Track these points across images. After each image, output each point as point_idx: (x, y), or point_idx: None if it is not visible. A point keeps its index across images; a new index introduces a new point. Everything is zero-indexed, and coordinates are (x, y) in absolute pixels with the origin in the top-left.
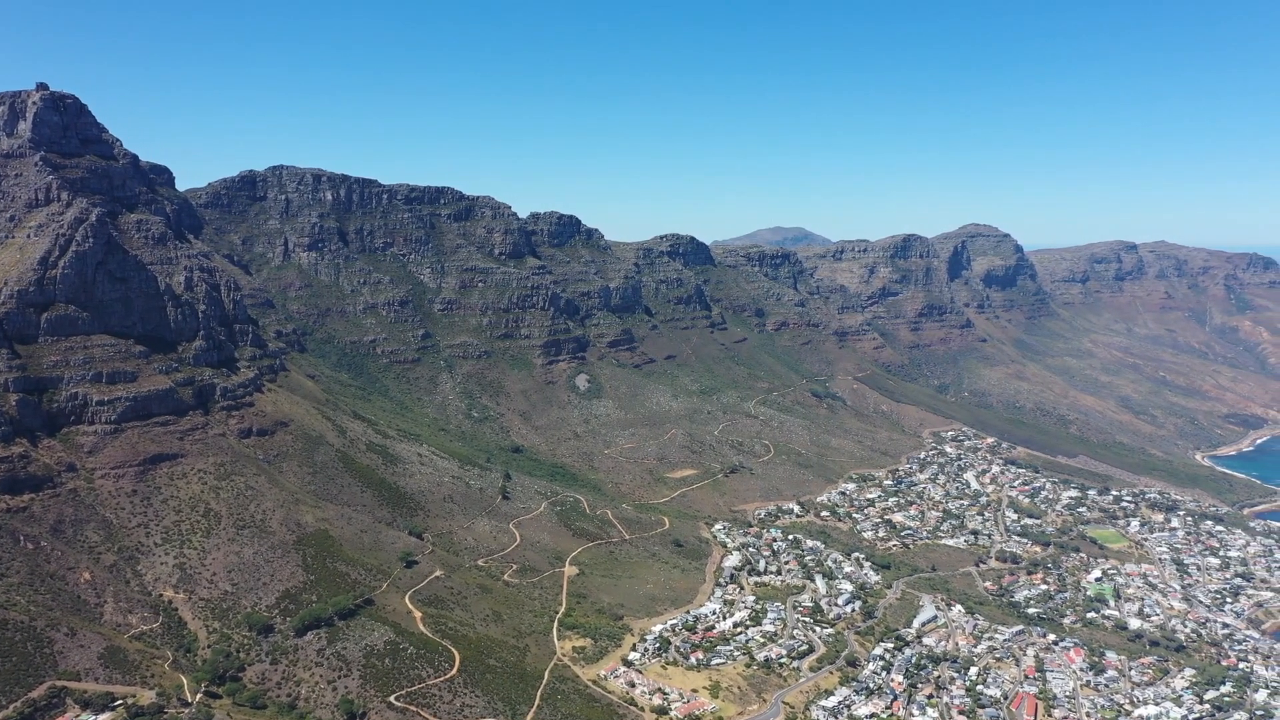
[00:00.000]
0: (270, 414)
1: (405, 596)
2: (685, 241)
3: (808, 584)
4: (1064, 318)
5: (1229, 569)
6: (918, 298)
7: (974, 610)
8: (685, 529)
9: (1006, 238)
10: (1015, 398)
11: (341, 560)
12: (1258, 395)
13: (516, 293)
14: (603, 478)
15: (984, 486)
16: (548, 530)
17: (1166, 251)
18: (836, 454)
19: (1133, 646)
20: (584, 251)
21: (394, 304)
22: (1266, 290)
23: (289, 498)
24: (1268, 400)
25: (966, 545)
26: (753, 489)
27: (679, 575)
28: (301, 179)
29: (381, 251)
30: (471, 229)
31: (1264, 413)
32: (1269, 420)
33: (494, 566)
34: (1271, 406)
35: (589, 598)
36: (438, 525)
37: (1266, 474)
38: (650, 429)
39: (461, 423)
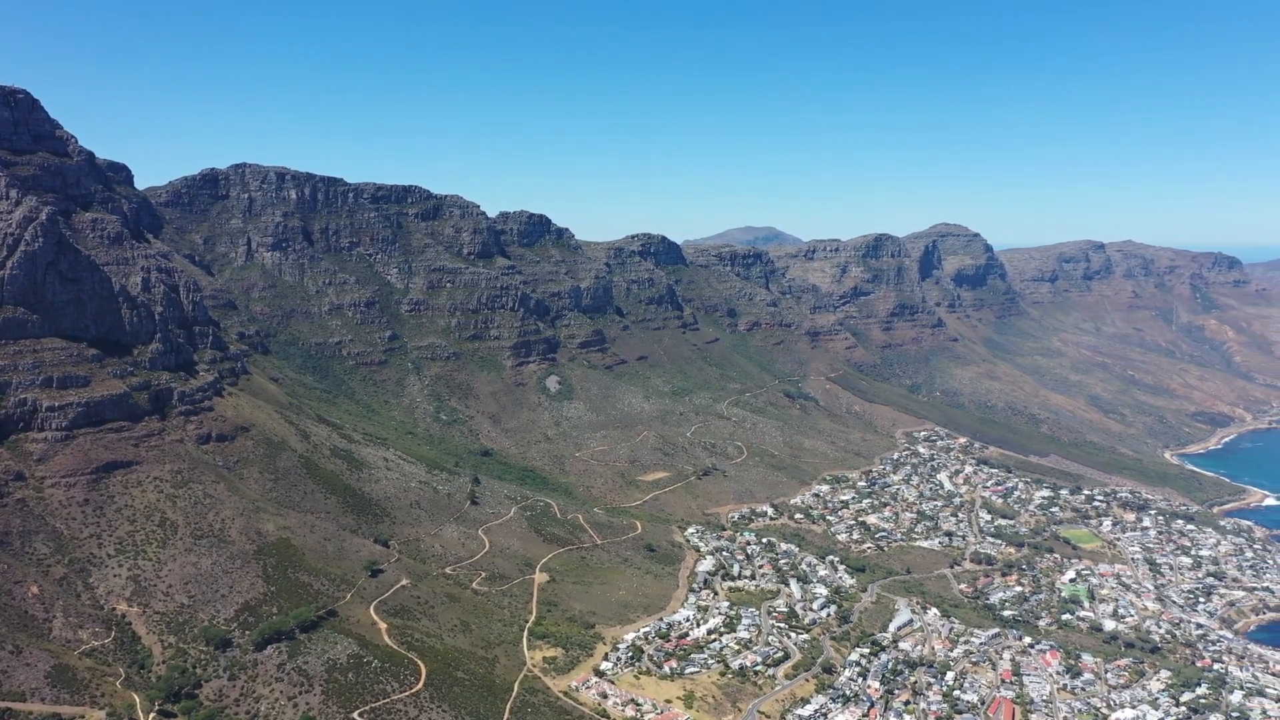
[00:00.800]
0: (230, 419)
1: (370, 607)
2: (656, 241)
3: (782, 588)
4: (1034, 317)
5: (1201, 568)
6: (889, 297)
7: (950, 613)
8: (658, 533)
9: (976, 237)
10: (987, 397)
11: (304, 570)
12: (1224, 394)
13: (486, 293)
14: (574, 481)
15: (957, 487)
16: (517, 536)
17: (1134, 251)
18: (810, 455)
19: (1108, 648)
20: (554, 251)
21: (360, 305)
22: (1231, 289)
23: (249, 506)
24: (1234, 398)
25: (941, 547)
26: (726, 491)
27: (652, 581)
28: (265, 177)
29: (347, 251)
30: (440, 228)
31: (1230, 411)
32: (1235, 418)
33: (462, 574)
34: (1238, 405)
35: (560, 605)
36: (404, 532)
37: (1234, 472)
38: (622, 431)
39: (430, 426)
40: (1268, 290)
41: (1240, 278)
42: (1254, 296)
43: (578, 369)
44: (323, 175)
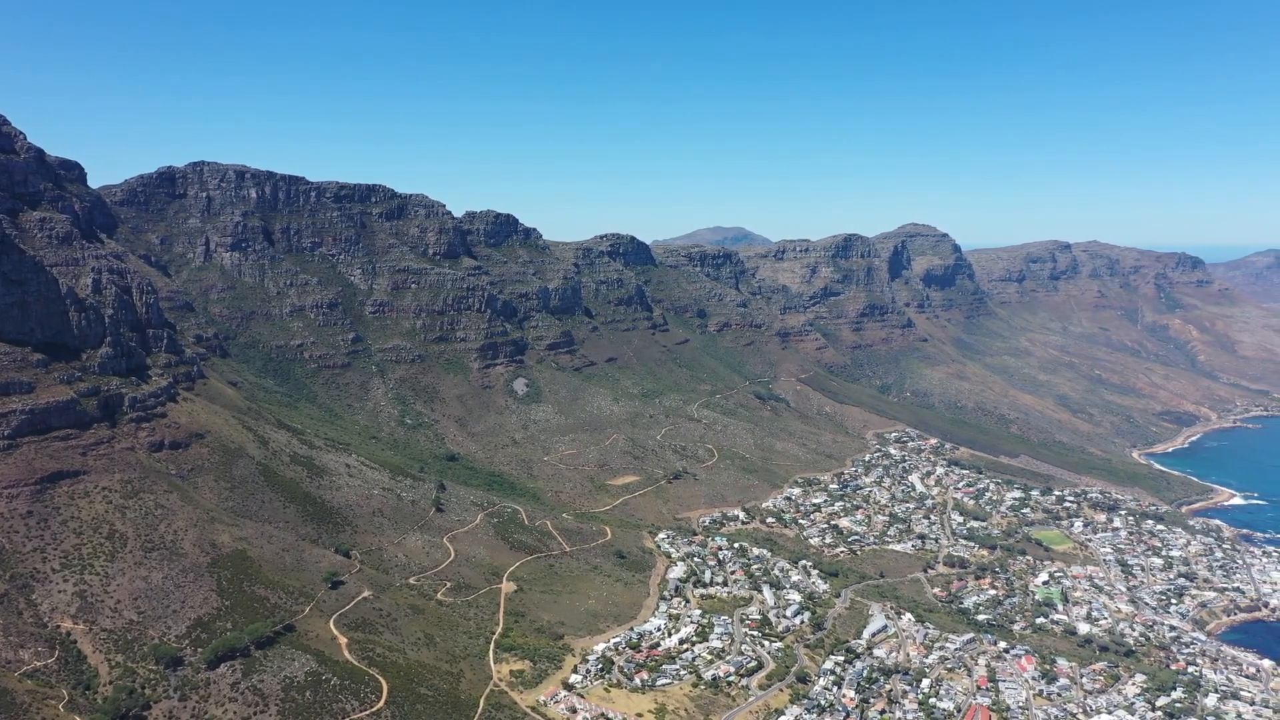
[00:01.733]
0: (185, 425)
1: (330, 621)
2: (626, 241)
3: (755, 595)
4: (1002, 317)
5: (1172, 569)
6: (859, 298)
7: (924, 618)
8: (628, 539)
9: (945, 237)
10: (957, 397)
11: (260, 583)
12: (1189, 393)
13: (451, 294)
14: (542, 486)
15: (929, 489)
16: (484, 544)
17: (1099, 251)
18: (781, 457)
19: (1083, 652)
20: (522, 251)
21: (323, 306)
22: (1194, 289)
23: (203, 516)
24: (1199, 397)
25: (914, 550)
26: (697, 495)
27: (622, 589)
28: (224, 176)
29: (310, 252)
30: (404, 228)
31: (1196, 410)
32: (1201, 417)
33: (426, 585)
34: (1203, 404)
35: (527, 616)
36: (366, 541)
37: (1201, 471)
38: (591, 434)
39: (394, 430)
40: (1230, 290)
41: (1203, 277)
42: (1217, 296)
43: (546, 371)
44: (284, 174)
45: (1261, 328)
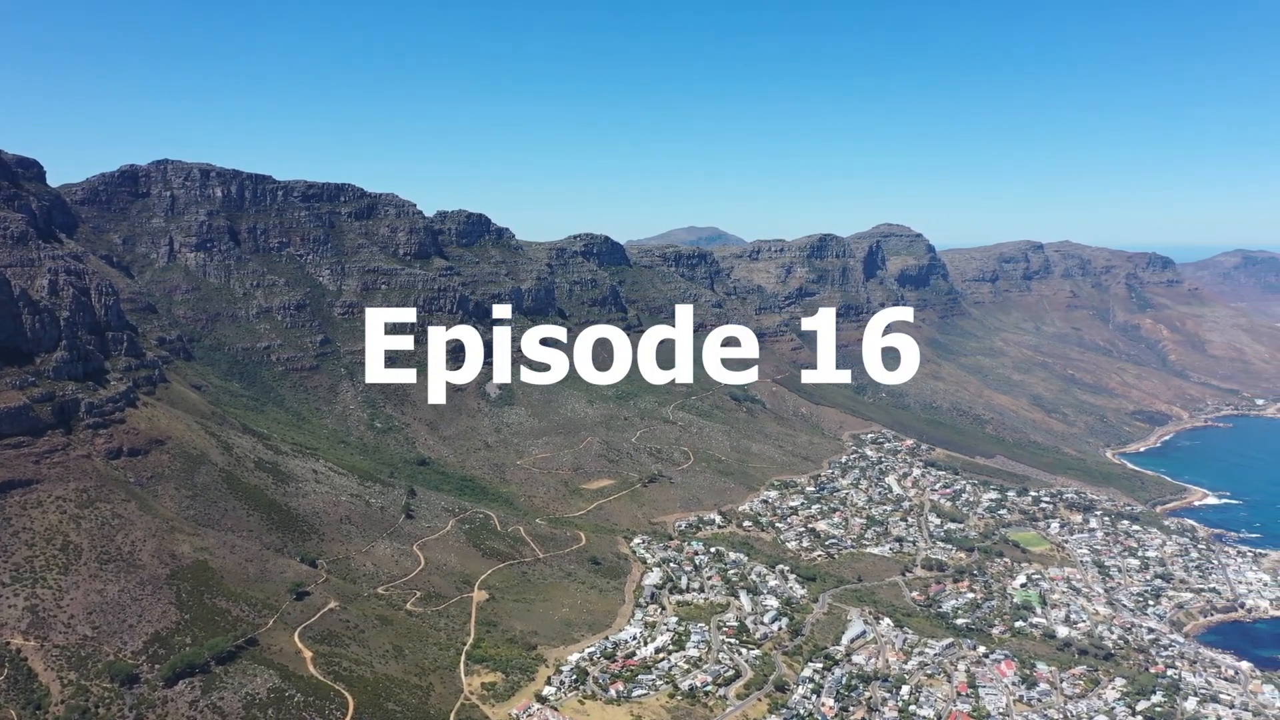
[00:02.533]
0: (144, 431)
1: (294, 634)
2: (599, 241)
3: (732, 601)
4: (975, 317)
5: (1148, 570)
6: (834, 298)
7: (902, 623)
8: (603, 544)
9: (919, 237)
10: (932, 398)
11: (222, 595)
12: (1161, 392)
13: (422, 295)
14: (515, 490)
15: (906, 490)
16: (455, 551)
17: (1071, 251)
18: (757, 460)
19: (1062, 656)
20: (494, 252)
21: (290, 308)
22: (1165, 289)
23: (163, 526)
24: (1170, 397)
25: (892, 553)
26: (672, 499)
27: (596, 596)
28: (188, 174)
29: (277, 252)
30: (374, 228)
31: (1168, 409)
32: (1173, 416)
33: (395, 595)
34: (1174, 403)
35: (500, 626)
36: (333, 550)
37: (1174, 470)
38: (565, 437)
39: (364, 434)
40: (1199, 290)
41: (1173, 277)
42: (1187, 296)
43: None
44: (250, 172)
45: (1230, 327)
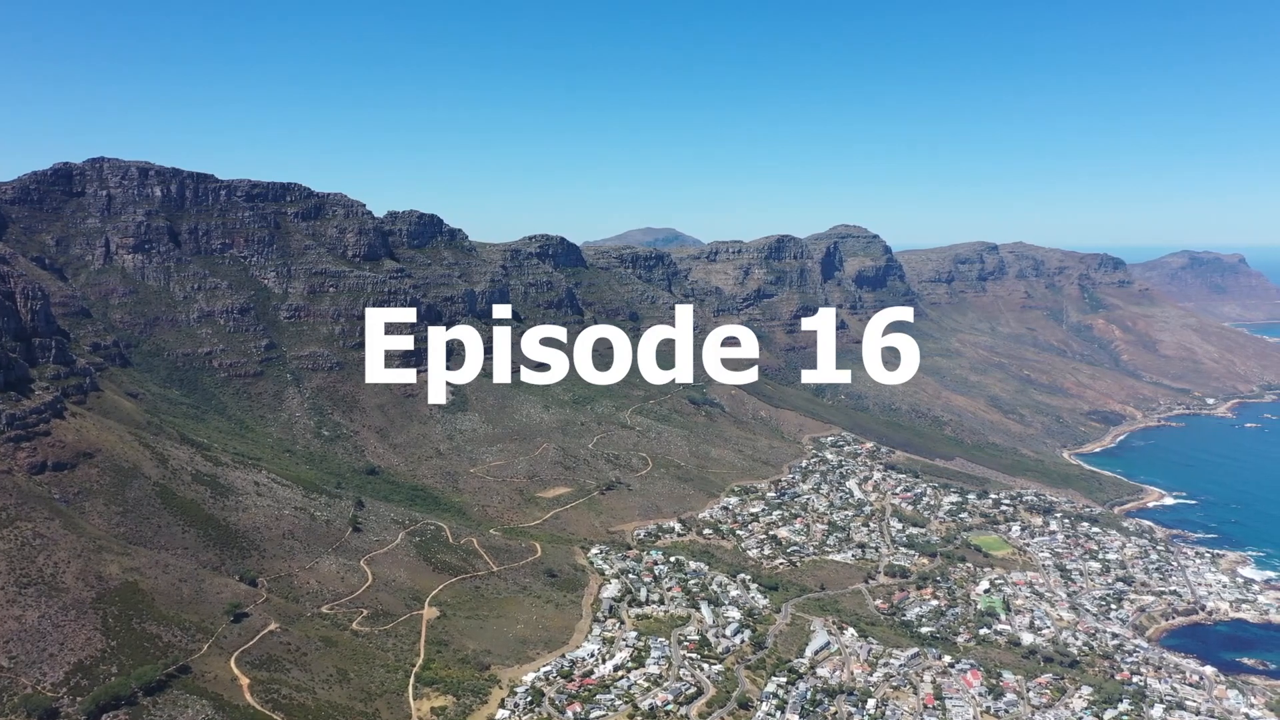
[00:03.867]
0: (72, 443)
1: (231, 659)
2: (555, 242)
3: (693, 613)
4: (932, 318)
5: (1110, 573)
6: (793, 299)
7: (867, 633)
8: (559, 556)
9: (876, 238)
10: (890, 399)
11: (153, 619)
12: (1115, 392)
13: (372, 298)
14: (468, 500)
15: (867, 495)
16: (405, 566)
17: (1025, 252)
18: (717, 465)
19: (1028, 664)
20: (447, 253)
21: (233, 311)
22: (1116, 290)
23: (90, 545)
24: (1124, 397)
25: (854, 560)
26: (631, 507)
27: (553, 611)
28: (126, 172)
29: (219, 254)
30: (322, 229)
31: (1122, 409)
32: (1127, 416)
33: (341, 614)
34: (1128, 403)
35: (451, 645)
36: (275, 567)
37: (1130, 470)
38: (520, 444)
39: (310, 442)
40: (1150, 290)
41: (1124, 278)
42: (1138, 296)
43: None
44: (191, 171)
45: (1180, 327)
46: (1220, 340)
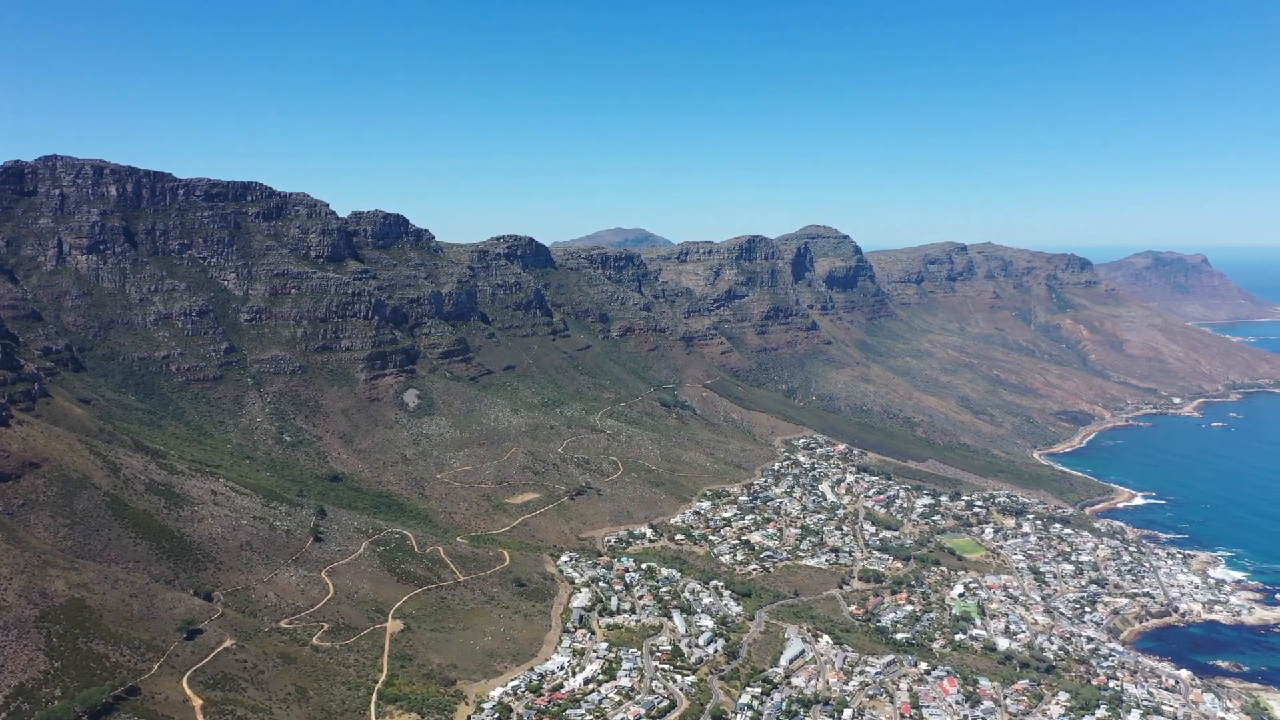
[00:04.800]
0: (17, 453)
1: (183, 679)
2: (524, 243)
3: (665, 622)
4: (902, 318)
5: (1083, 575)
6: (764, 300)
7: (842, 640)
8: (528, 564)
9: (846, 239)
10: (862, 400)
11: (100, 638)
12: (1083, 392)
13: (336, 300)
14: (434, 507)
15: (840, 498)
16: (368, 577)
17: (993, 252)
18: (688, 468)
19: (1004, 670)
20: (412, 254)
21: (192, 314)
22: (1084, 290)
23: (34, 560)
24: (1092, 396)
25: (828, 565)
26: (601, 512)
27: (521, 622)
28: (80, 171)
29: (177, 254)
30: (284, 229)
31: (1090, 409)
32: (1096, 416)
33: (300, 628)
34: (1096, 402)
35: (415, 659)
36: (232, 580)
37: (1100, 470)
38: (488, 448)
39: (271, 449)
40: (1116, 290)
41: (1092, 278)
42: (1104, 296)
43: (439, 381)
44: (148, 170)
45: (1146, 327)
46: (1185, 340)
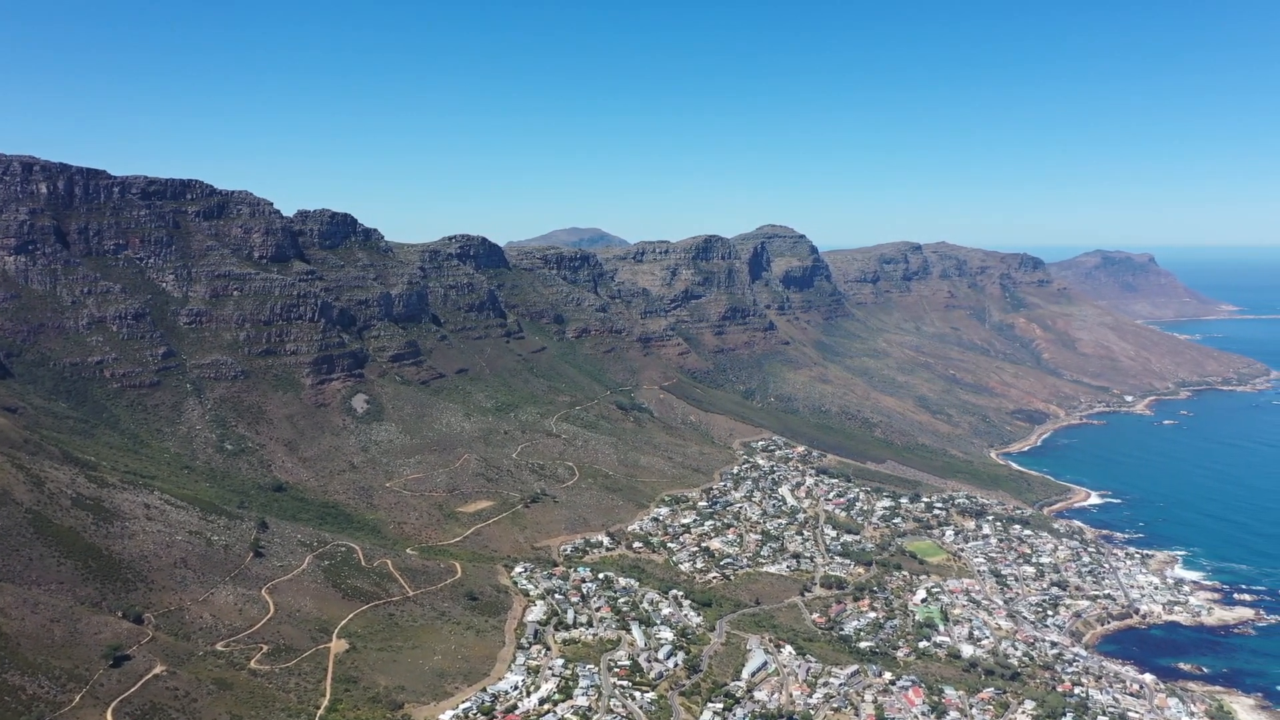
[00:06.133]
0: None
1: (108, 710)
2: (477, 243)
3: (623, 635)
4: (859, 318)
5: (1044, 578)
6: (721, 300)
7: (805, 649)
8: (480, 576)
9: (803, 239)
10: (820, 401)
11: (16, 667)
12: (1038, 390)
13: (280, 302)
14: (383, 517)
15: (800, 501)
16: (312, 593)
17: (948, 252)
18: (646, 473)
19: (969, 678)
20: (361, 254)
21: (128, 317)
22: (1036, 289)
23: None
24: (1047, 395)
25: (789, 571)
26: (557, 520)
27: (473, 639)
28: (8, 167)
29: (113, 255)
30: (225, 228)
31: (1045, 407)
32: (1050, 415)
33: (237, 651)
34: (1051, 401)
35: (361, 682)
36: (165, 600)
37: (1056, 469)
38: (439, 455)
39: (211, 458)
40: (1068, 289)
41: (1044, 277)
42: (1056, 295)
43: (389, 386)
44: (81, 167)
45: (1098, 325)
46: (1135, 338)
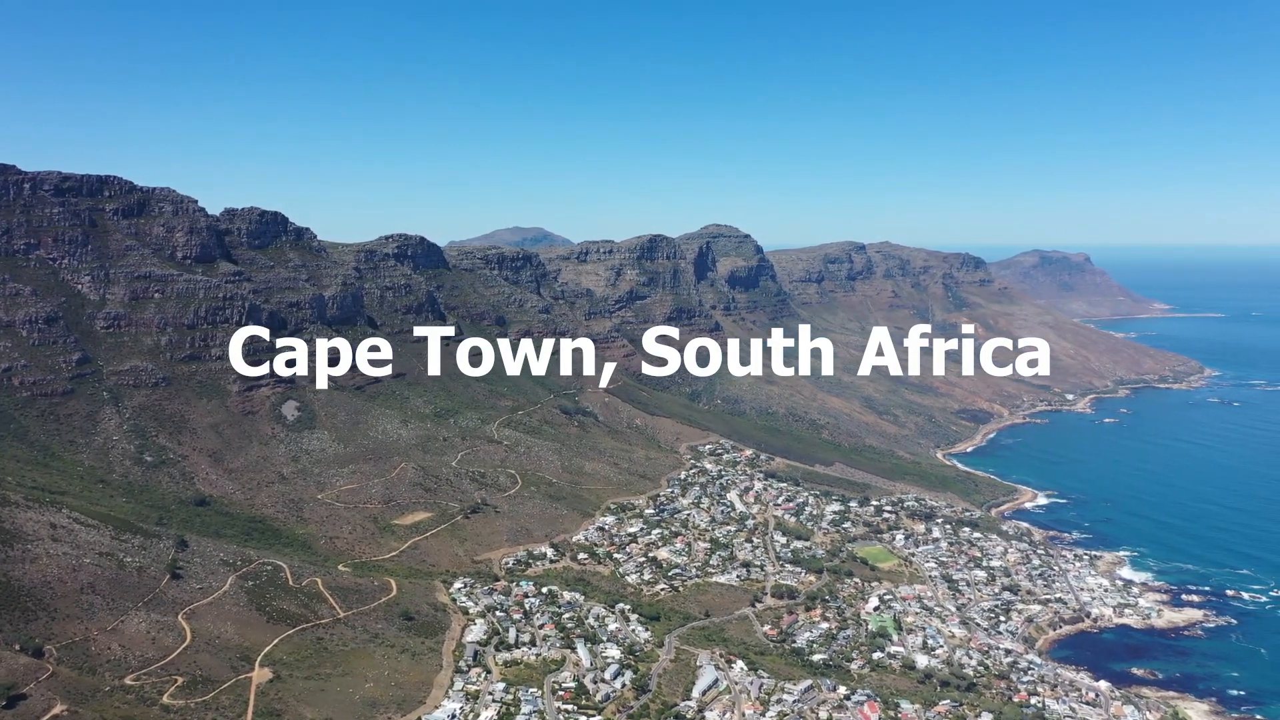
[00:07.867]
0: None
1: None
2: (415, 242)
3: (568, 655)
4: (804, 318)
5: (996, 582)
6: (666, 301)
7: (757, 664)
8: (417, 594)
9: (748, 238)
10: (767, 403)
11: None
12: (982, 390)
13: (205, 304)
14: (314, 531)
15: (749, 507)
16: (233, 618)
17: (891, 252)
18: (591, 480)
19: (925, 690)
20: (292, 254)
21: (38, 321)
22: (978, 288)
23: None
24: (990, 395)
25: (739, 581)
26: (498, 531)
27: (408, 663)
28: None
29: (23, 255)
30: (146, 227)
31: (989, 407)
32: (994, 414)
33: (149, 685)
34: (995, 400)
35: (284, 715)
36: (68, 631)
37: (1002, 470)
38: (375, 464)
39: (129, 470)
40: (1009, 289)
41: (985, 277)
42: (998, 295)
43: (321, 392)
44: None
45: (1038, 324)
46: (1074, 337)
